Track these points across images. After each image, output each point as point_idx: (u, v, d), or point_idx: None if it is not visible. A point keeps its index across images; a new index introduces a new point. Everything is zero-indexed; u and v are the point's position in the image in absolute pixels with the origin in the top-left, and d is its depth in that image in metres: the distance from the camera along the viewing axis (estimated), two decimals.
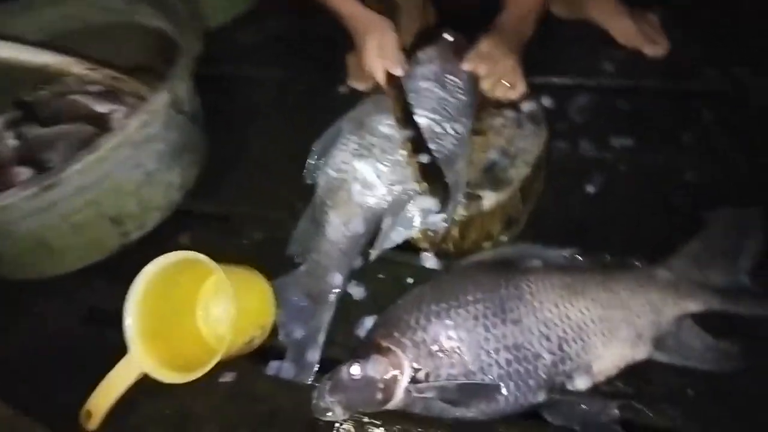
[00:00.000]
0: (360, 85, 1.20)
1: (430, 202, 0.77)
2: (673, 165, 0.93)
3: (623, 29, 1.15)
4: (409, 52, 0.95)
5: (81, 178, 0.82)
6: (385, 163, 0.82)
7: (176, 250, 0.74)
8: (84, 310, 0.92)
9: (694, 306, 0.73)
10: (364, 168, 0.82)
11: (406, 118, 0.83)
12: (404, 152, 0.81)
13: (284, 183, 1.08)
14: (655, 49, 1.12)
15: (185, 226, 1.01)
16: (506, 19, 1.00)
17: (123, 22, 1.19)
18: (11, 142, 1.16)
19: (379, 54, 0.92)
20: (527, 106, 0.92)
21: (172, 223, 1.01)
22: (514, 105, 0.93)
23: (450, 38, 0.96)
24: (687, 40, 1.13)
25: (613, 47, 1.16)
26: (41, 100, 1.21)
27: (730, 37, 1.13)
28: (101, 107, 1.19)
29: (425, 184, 0.78)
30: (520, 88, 0.94)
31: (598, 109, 1.05)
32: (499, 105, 0.93)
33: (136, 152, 0.88)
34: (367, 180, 0.81)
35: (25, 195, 0.79)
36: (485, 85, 0.94)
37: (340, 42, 1.28)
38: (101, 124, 1.17)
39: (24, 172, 1.09)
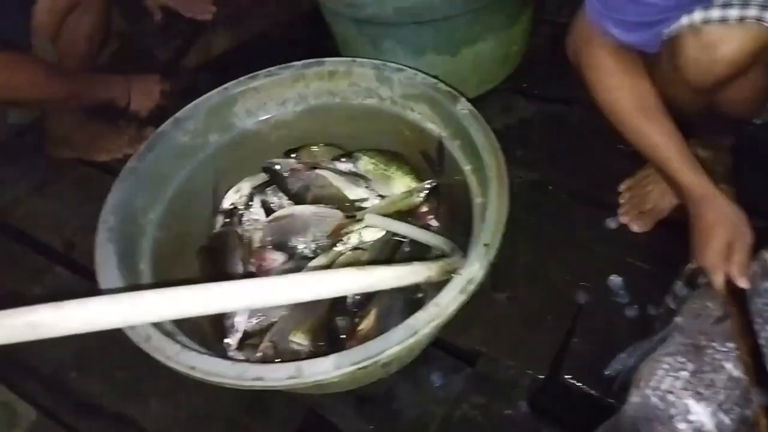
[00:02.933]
0: (637, 227, 1.08)
1: None
2: None
3: None
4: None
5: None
6: (730, 415, 0.71)
7: None
8: None
9: None
10: (701, 413, 0.71)
11: (756, 367, 0.71)
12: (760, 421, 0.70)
13: (536, 325, 1.00)
14: None
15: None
16: None
17: (386, 111, 1.12)
18: (258, 213, 1.15)
19: (723, 255, 0.79)
20: None
21: None
22: None
23: None
24: None
25: None
26: (289, 169, 1.17)
27: None
28: (352, 193, 1.15)
29: None
30: None
31: None
32: None
33: None
34: (702, 429, 0.71)
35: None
36: None
37: (612, 159, 1.18)
38: (349, 210, 1.13)
39: (279, 258, 1.07)
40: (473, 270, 0.77)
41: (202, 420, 0.98)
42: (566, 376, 0.94)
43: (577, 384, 0.93)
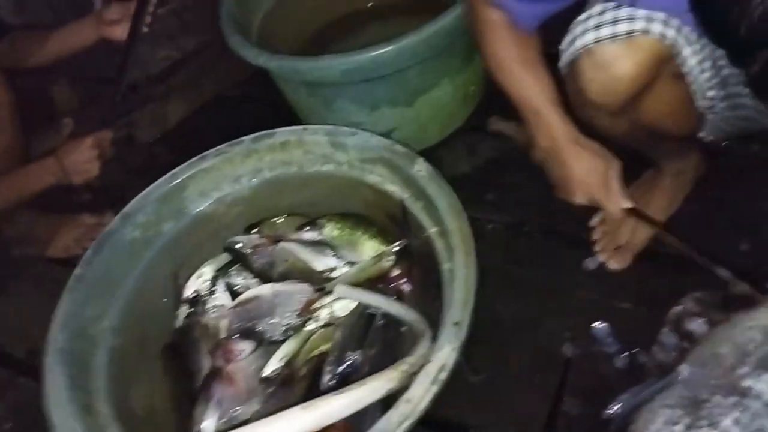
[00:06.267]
0: (616, 264, 1.03)
1: None
2: None
3: None
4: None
5: None
6: None
7: None
8: None
9: None
10: None
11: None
12: None
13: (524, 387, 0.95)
14: None
15: None
16: None
17: (345, 175, 1.08)
18: (223, 297, 1.09)
19: (605, 184, 0.84)
20: None
21: None
22: None
23: None
24: None
25: None
26: (252, 245, 1.12)
27: None
28: (319, 263, 1.10)
29: None
30: None
31: None
32: None
33: None
34: None
35: None
36: None
37: None
38: (318, 282, 1.08)
39: (246, 348, 1.01)
40: (444, 355, 0.72)
41: None
42: None
43: None
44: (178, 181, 1.04)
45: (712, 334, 0.76)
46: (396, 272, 1.05)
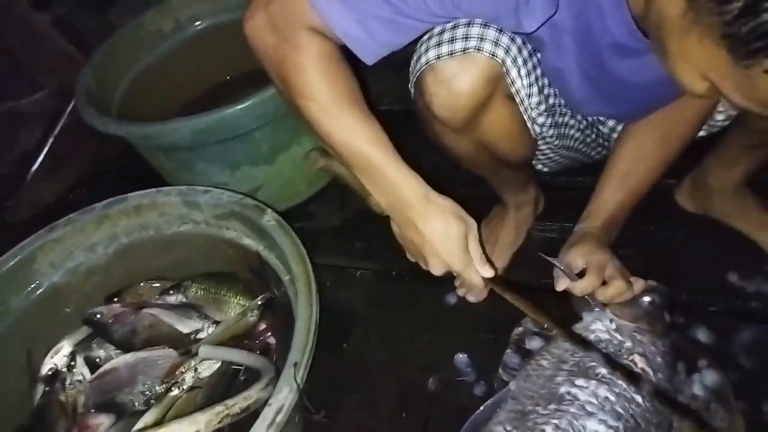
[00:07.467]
0: (473, 297, 1.07)
1: None
2: None
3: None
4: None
5: None
6: None
7: None
8: None
9: None
10: None
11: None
12: None
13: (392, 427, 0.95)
14: None
15: None
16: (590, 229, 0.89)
17: (203, 234, 1.08)
18: (83, 372, 1.05)
19: (464, 249, 0.75)
20: (710, 378, 0.78)
21: None
22: None
23: (649, 301, 0.81)
24: None
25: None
26: (113, 315, 1.09)
27: None
28: (185, 326, 1.08)
29: None
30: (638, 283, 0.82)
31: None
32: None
33: None
34: None
35: None
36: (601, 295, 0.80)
37: None
38: (183, 345, 1.06)
39: (104, 422, 0.96)
40: (282, 397, 0.72)
41: None
42: None
43: None
44: (25, 253, 1.01)
45: (540, 349, 0.80)
46: (262, 326, 1.05)
